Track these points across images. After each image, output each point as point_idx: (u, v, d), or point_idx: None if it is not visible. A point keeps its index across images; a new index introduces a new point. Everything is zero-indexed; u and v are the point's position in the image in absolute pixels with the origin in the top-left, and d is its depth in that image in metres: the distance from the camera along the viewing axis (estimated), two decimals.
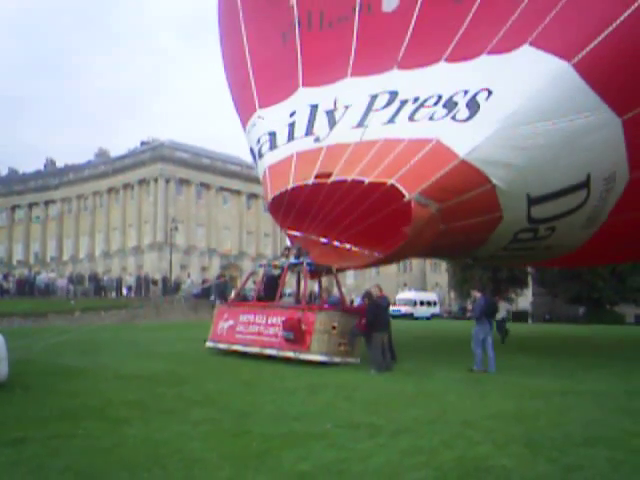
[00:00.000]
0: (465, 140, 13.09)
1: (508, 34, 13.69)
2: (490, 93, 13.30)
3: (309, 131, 16.19)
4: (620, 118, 12.76)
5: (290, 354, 14.07)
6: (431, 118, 14.02)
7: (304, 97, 16.91)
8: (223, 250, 69.62)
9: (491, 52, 13.87)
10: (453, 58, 14.65)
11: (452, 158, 13.01)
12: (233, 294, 18.92)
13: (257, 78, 18.03)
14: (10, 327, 24.45)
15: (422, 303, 49.21)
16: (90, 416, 8.26)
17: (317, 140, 15.82)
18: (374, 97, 15.53)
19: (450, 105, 13.86)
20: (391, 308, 44.80)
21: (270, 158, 16.68)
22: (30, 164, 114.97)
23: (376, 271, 77.27)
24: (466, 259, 19.47)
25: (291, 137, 16.47)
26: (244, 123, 18.80)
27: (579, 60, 12.42)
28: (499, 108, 12.99)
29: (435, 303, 51.34)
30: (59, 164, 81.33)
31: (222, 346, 15.88)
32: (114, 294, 40.82)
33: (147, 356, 15.57)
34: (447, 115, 13.78)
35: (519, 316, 52.21)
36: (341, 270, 17.72)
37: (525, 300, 60.71)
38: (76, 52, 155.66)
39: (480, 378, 12.29)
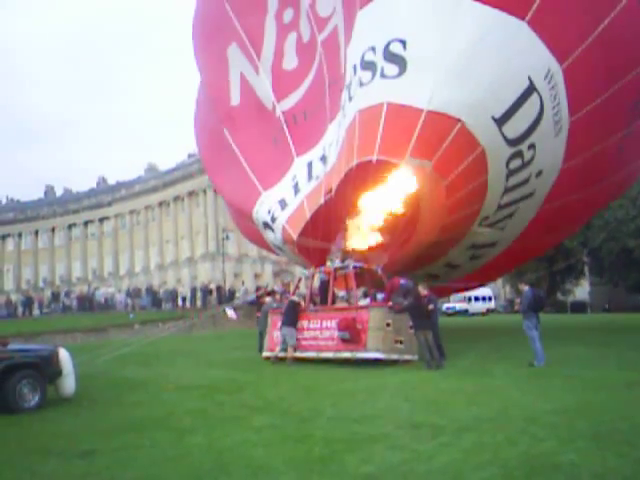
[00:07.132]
0: (419, 93, 13.68)
1: None
2: (403, 42, 13.93)
3: (310, 177, 17.50)
4: (523, 21, 13.32)
5: (347, 354, 14.08)
6: (361, 84, 14.79)
7: (300, 163, 18.24)
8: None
9: (362, 7, 15.00)
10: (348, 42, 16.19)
11: (418, 113, 13.59)
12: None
13: (256, 173, 19.06)
14: (73, 343, 25.20)
15: (477, 299, 48.37)
16: (155, 426, 8.47)
17: (317, 178, 17.07)
18: (340, 123, 16.71)
19: (367, 65, 14.60)
20: (445, 305, 44.30)
21: (285, 215, 17.67)
22: (83, 183, 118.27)
23: None
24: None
25: (297, 191, 17.68)
26: (249, 211, 19.27)
27: None
28: (425, 52, 13.68)
29: (490, 298, 50.35)
30: (111, 181, 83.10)
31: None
32: (170, 305, 41.54)
33: (206, 365, 15.82)
34: (374, 76, 14.43)
35: (577, 307, 50.83)
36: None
37: (583, 291, 59.12)
38: (119, 71, 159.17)
39: (541, 372, 12.01)
